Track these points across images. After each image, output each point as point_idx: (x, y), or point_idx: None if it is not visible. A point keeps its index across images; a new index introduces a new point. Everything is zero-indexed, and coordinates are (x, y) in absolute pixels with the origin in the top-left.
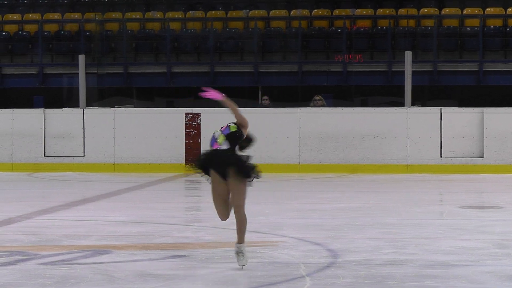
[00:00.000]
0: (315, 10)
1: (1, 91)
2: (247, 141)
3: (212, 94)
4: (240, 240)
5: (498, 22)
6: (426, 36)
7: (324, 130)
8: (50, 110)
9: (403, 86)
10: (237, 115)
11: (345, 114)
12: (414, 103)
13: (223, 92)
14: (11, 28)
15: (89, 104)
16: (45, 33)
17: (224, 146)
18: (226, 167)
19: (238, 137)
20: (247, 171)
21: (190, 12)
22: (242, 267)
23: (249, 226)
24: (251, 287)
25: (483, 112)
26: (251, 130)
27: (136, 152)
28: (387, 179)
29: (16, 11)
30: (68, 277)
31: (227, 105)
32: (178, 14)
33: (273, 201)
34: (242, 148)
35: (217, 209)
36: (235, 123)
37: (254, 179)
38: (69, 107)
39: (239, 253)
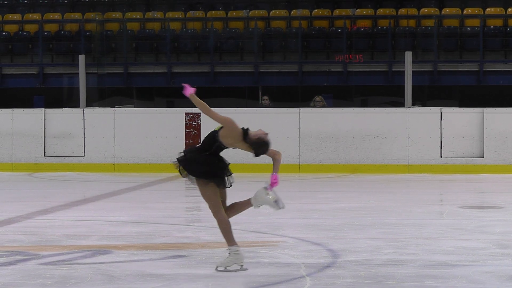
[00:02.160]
0: (315, 10)
1: (1, 91)
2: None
3: (187, 90)
4: (226, 242)
5: (498, 22)
6: (427, 36)
7: (325, 130)
8: (50, 110)
9: (403, 86)
10: (204, 111)
11: (345, 114)
12: (414, 103)
13: (223, 92)
14: (11, 28)
15: (89, 104)
16: (45, 33)
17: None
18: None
19: (213, 138)
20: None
21: (190, 12)
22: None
23: (249, 226)
24: (251, 287)
25: (483, 112)
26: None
27: (136, 152)
28: (387, 179)
29: (16, 11)
30: (68, 277)
31: (194, 102)
32: (178, 14)
33: None
34: (256, 154)
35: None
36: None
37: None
38: (69, 107)
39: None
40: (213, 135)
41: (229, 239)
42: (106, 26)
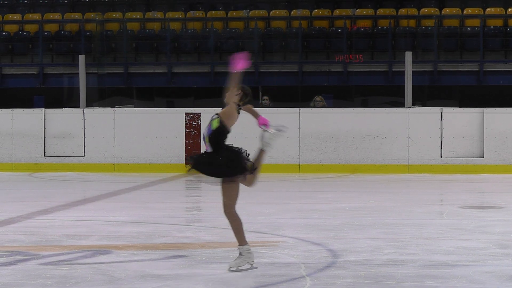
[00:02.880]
0: (316, 10)
1: (1, 91)
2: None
3: (241, 62)
4: (238, 241)
5: (499, 22)
6: (427, 36)
7: (325, 130)
8: (51, 110)
9: (404, 86)
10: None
11: (345, 114)
12: (414, 103)
13: (223, 93)
14: (11, 28)
15: (89, 104)
16: (46, 33)
17: (209, 148)
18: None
19: (221, 133)
20: (222, 172)
21: (191, 12)
22: (229, 269)
23: (249, 226)
24: (251, 287)
25: (483, 112)
26: (251, 130)
27: (136, 152)
28: (387, 179)
29: (16, 11)
30: (69, 277)
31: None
32: (179, 14)
33: (273, 201)
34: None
35: None
36: (218, 115)
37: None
38: (69, 107)
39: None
40: (219, 129)
41: (241, 238)
42: (106, 26)
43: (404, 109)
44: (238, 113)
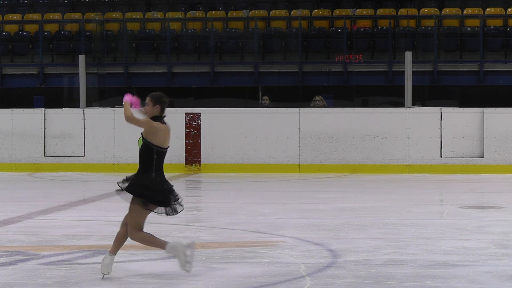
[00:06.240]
0: (316, 10)
1: (2, 91)
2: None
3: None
4: (160, 246)
5: (499, 22)
6: (427, 36)
7: (325, 130)
8: (51, 110)
9: (404, 86)
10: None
11: (345, 114)
12: (414, 103)
13: (223, 92)
14: (11, 28)
15: (89, 104)
16: (46, 33)
17: (140, 167)
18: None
19: (149, 151)
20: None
21: (191, 12)
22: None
23: (249, 226)
24: (251, 287)
25: (483, 112)
26: (251, 130)
27: (136, 152)
28: (387, 179)
29: (16, 11)
30: (68, 277)
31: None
32: (179, 14)
33: (273, 201)
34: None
35: None
36: (141, 134)
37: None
38: (69, 107)
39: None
40: (145, 145)
41: (161, 243)
42: (106, 26)
43: (404, 109)
44: (164, 123)
